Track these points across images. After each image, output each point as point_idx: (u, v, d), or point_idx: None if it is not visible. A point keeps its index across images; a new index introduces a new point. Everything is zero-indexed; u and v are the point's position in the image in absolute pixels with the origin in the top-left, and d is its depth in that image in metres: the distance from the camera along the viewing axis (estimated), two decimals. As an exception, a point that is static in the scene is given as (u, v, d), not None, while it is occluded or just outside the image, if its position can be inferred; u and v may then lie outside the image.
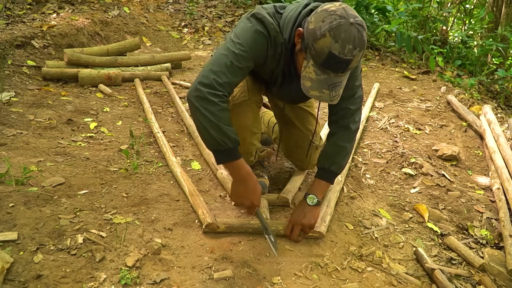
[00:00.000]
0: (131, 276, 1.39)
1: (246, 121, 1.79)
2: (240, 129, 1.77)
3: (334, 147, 1.73)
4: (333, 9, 1.36)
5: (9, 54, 3.32)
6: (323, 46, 1.34)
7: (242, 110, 1.76)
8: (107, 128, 2.63)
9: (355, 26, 1.33)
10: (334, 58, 1.35)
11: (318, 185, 1.75)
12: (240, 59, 1.50)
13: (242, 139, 1.81)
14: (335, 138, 1.73)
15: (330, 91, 1.41)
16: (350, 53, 1.34)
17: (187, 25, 5.39)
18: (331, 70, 1.38)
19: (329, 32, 1.33)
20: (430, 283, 1.62)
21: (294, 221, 1.68)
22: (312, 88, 1.42)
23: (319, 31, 1.35)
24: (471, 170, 2.58)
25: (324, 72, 1.39)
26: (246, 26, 1.53)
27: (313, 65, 1.40)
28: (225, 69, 1.48)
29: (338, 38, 1.32)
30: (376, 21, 5.24)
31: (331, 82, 1.40)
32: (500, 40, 5.27)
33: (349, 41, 1.33)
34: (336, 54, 1.34)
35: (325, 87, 1.41)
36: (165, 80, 3.56)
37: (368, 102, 3.40)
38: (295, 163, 2.21)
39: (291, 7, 1.59)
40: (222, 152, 1.51)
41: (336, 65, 1.37)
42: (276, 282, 1.46)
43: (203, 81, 1.47)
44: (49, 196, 1.78)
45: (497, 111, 3.71)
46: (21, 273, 1.36)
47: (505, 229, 1.91)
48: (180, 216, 1.79)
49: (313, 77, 1.41)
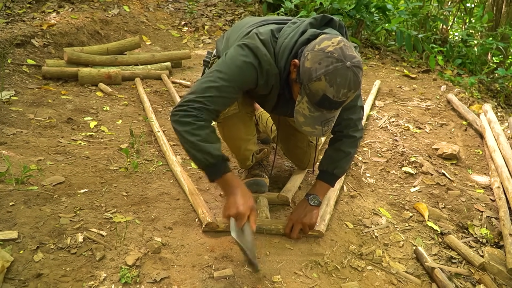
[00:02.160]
0: (131, 275, 1.39)
1: (239, 133, 1.80)
2: (234, 139, 1.80)
3: (338, 152, 1.74)
4: (331, 49, 1.34)
5: (9, 53, 3.32)
6: (318, 89, 1.35)
7: (233, 122, 1.76)
8: (107, 127, 2.63)
9: (351, 70, 1.34)
10: (328, 101, 1.37)
11: (320, 186, 1.76)
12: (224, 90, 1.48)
13: (237, 148, 1.84)
14: (340, 143, 1.74)
15: (323, 126, 1.44)
16: (345, 96, 1.36)
17: (187, 24, 5.39)
18: (325, 109, 1.41)
19: (324, 77, 1.33)
20: (430, 282, 1.62)
21: (295, 220, 1.69)
22: (305, 124, 1.45)
23: (314, 73, 1.35)
24: (471, 169, 2.58)
25: (318, 110, 1.41)
26: (237, 55, 1.50)
27: (307, 102, 1.41)
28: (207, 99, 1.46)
29: (334, 83, 1.33)
30: (376, 20, 5.23)
31: (324, 118, 1.43)
32: (500, 39, 5.26)
33: (344, 86, 1.34)
34: (330, 97, 1.36)
35: (318, 123, 1.43)
36: (165, 79, 3.55)
37: (368, 99, 3.40)
38: (295, 162, 2.21)
39: (288, 32, 1.54)
40: (208, 170, 1.50)
41: (330, 105, 1.39)
42: (276, 281, 1.46)
43: (179, 105, 1.48)
44: (49, 195, 1.78)
45: (497, 110, 3.71)
46: (21, 272, 1.36)
47: (505, 228, 1.92)
48: (180, 215, 1.79)
49: (306, 114, 1.43)
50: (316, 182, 1.78)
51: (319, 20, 1.55)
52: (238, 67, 1.49)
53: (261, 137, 2.53)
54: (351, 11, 4.81)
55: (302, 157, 2.10)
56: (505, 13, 6.17)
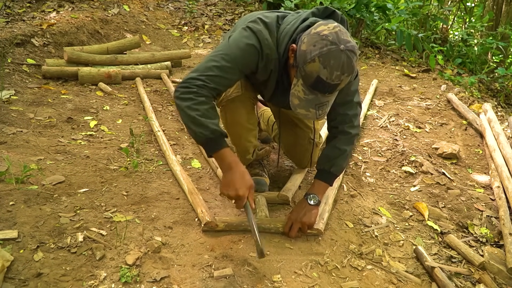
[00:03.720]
0: (131, 274, 1.39)
1: (240, 118, 1.79)
2: (235, 126, 1.79)
3: (334, 150, 1.75)
4: (326, 33, 1.37)
5: (9, 52, 3.32)
6: (312, 70, 1.38)
7: (235, 106, 1.76)
8: (107, 127, 2.63)
9: (345, 53, 1.36)
10: (322, 83, 1.39)
11: (318, 186, 1.77)
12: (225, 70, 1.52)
13: (238, 136, 1.83)
14: (335, 141, 1.76)
15: (317, 110, 1.46)
16: (338, 79, 1.38)
17: (187, 23, 5.39)
18: (319, 91, 1.42)
19: (318, 58, 1.36)
20: (430, 281, 1.62)
21: (294, 219, 1.69)
22: (299, 106, 1.47)
23: (309, 55, 1.38)
24: (471, 168, 2.58)
25: (312, 93, 1.43)
26: (240, 37, 1.54)
27: (302, 85, 1.44)
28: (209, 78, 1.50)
29: (327, 64, 1.35)
30: (376, 19, 5.23)
31: (318, 101, 1.45)
32: (500, 39, 5.26)
33: (338, 68, 1.36)
34: (323, 79, 1.38)
35: (312, 106, 1.46)
36: (165, 78, 3.55)
37: (366, 99, 3.40)
38: (295, 161, 2.21)
39: (290, 19, 1.58)
40: (205, 144, 1.51)
41: (324, 88, 1.41)
42: (276, 280, 1.47)
43: (182, 82, 1.53)
44: (49, 195, 1.78)
45: (497, 109, 3.71)
46: (21, 271, 1.36)
47: (505, 227, 1.92)
48: (180, 214, 1.79)
49: (301, 96, 1.45)
50: (314, 181, 1.79)
51: (322, 11, 1.58)
52: (240, 49, 1.52)
53: (261, 136, 2.53)
54: (351, 10, 4.80)
55: (303, 155, 2.10)
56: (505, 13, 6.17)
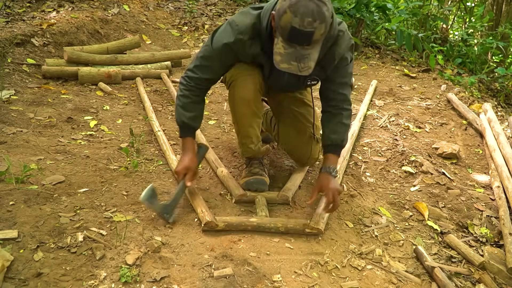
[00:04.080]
0: (131, 274, 1.39)
1: (247, 94, 1.84)
2: (241, 104, 1.86)
3: (341, 125, 1.88)
4: None
5: (9, 52, 3.32)
6: (286, 22, 1.47)
7: (244, 80, 1.82)
8: (107, 126, 2.63)
9: (314, 1, 1.45)
10: (296, 31, 1.47)
11: (333, 158, 1.89)
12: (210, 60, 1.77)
13: (242, 116, 1.90)
14: (339, 117, 1.87)
15: (298, 63, 1.53)
16: (310, 25, 1.45)
17: (187, 23, 5.39)
18: (297, 43, 1.50)
19: (289, 8, 1.46)
20: (430, 281, 1.62)
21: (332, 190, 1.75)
22: (281, 62, 1.55)
23: (282, 9, 1.48)
24: (471, 168, 2.58)
25: (291, 46, 1.51)
26: (219, 36, 1.75)
27: (281, 41, 1.52)
28: (196, 66, 1.80)
29: (297, 12, 1.44)
30: (376, 19, 5.23)
31: (299, 54, 1.52)
32: (500, 38, 5.26)
33: (308, 15, 1.44)
34: (297, 27, 1.46)
35: (293, 59, 1.53)
36: (165, 78, 3.55)
37: (366, 99, 3.40)
38: (295, 157, 2.17)
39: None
40: (179, 128, 1.89)
41: (299, 38, 1.48)
42: (276, 280, 1.47)
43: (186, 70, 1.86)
44: (49, 194, 1.78)
45: (497, 109, 3.71)
46: (21, 271, 1.36)
47: (505, 227, 1.92)
48: (180, 214, 1.79)
49: (282, 52, 1.53)
50: (329, 155, 1.88)
51: None
52: (217, 49, 1.74)
53: (262, 136, 2.53)
54: (351, 10, 4.80)
55: (303, 150, 2.09)
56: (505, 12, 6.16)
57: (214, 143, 2.50)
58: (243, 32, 1.69)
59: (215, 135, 2.64)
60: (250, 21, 1.70)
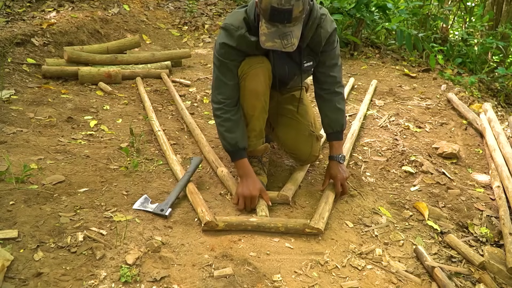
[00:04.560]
0: (131, 274, 1.39)
1: (259, 86, 1.87)
2: (252, 95, 1.90)
3: (337, 111, 1.98)
4: None
5: (9, 52, 3.32)
6: (266, 3, 1.58)
7: (255, 72, 1.86)
8: (107, 126, 2.63)
9: None
10: (276, 10, 1.57)
11: (338, 145, 2.03)
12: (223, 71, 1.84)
13: (252, 107, 1.94)
14: (334, 103, 1.97)
15: (282, 40, 1.63)
16: (288, 3, 1.55)
17: (187, 23, 5.39)
18: (278, 22, 1.60)
19: None
20: (430, 281, 1.62)
21: (341, 179, 1.97)
22: (266, 41, 1.65)
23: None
24: (471, 168, 2.58)
25: (273, 25, 1.61)
26: (220, 40, 1.82)
27: (264, 22, 1.63)
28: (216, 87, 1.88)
29: None
30: (377, 19, 5.23)
31: (281, 32, 1.62)
32: (500, 38, 5.26)
33: None
34: (276, 6, 1.56)
35: (276, 37, 1.63)
36: (165, 78, 3.55)
37: (366, 99, 3.40)
38: (296, 155, 2.16)
39: None
40: (228, 154, 1.94)
41: (280, 16, 1.58)
42: (276, 280, 1.47)
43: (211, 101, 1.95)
44: (49, 194, 1.78)
45: (497, 109, 3.71)
46: (21, 270, 1.36)
47: (505, 227, 1.91)
48: (180, 214, 1.79)
49: (266, 32, 1.63)
50: (333, 144, 2.02)
51: None
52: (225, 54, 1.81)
53: None
54: (351, 10, 4.80)
55: (304, 148, 2.08)
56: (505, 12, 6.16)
57: (214, 143, 2.50)
58: (239, 27, 1.78)
59: (215, 135, 2.64)
60: (240, 16, 1.79)
